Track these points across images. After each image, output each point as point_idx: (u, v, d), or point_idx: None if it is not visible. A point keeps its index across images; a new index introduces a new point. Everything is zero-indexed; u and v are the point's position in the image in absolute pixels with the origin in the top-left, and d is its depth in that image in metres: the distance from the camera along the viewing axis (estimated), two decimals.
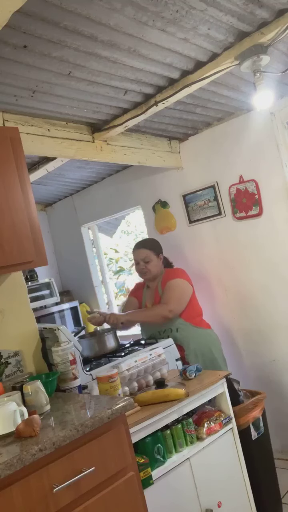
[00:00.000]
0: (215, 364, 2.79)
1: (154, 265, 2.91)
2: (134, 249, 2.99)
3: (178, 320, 2.80)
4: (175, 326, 2.80)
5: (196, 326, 2.84)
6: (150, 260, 2.90)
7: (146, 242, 3.02)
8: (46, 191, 4.10)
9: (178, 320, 2.80)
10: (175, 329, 2.80)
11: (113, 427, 1.62)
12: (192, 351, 2.76)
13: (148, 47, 1.91)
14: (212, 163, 3.22)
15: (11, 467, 1.32)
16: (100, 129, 2.67)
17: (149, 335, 2.91)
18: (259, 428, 2.38)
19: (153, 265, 2.91)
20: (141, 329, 3.03)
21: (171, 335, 2.79)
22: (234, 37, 1.99)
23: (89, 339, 2.88)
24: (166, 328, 2.82)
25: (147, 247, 2.93)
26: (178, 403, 2.00)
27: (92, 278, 4.35)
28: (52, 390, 1.96)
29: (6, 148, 1.88)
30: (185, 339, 2.78)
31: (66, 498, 1.44)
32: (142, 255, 2.92)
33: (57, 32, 1.65)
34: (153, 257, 2.91)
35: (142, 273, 2.96)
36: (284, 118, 2.89)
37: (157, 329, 2.85)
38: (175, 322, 2.80)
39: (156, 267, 2.92)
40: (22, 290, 2.24)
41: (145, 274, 2.95)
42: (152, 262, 2.90)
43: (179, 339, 2.77)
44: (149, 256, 2.90)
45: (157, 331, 2.86)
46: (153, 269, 2.92)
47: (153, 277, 2.94)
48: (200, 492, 2.00)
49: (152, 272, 2.92)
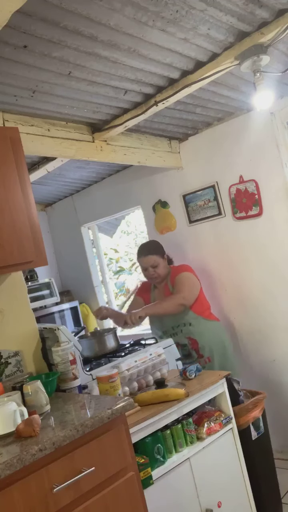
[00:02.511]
0: (226, 355, 2.87)
1: (162, 267, 2.95)
2: (140, 256, 2.99)
3: (190, 314, 2.86)
4: (187, 320, 2.85)
5: (207, 319, 2.91)
6: (158, 264, 2.93)
7: (150, 247, 3.02)
8: (46, 191, 4.10)
9: (189, 314, 2.86)
10: (188, 323, 2.85)
11: (113, 427, 1.62)
12: (206, 343, 2.83)
13: (148, 47, 1.91)
14: (212, 163, 3.22)
15: (11, 467, 1.32)
16: (100, 129, 2.67)
17: (162, 331, 2.93)
18: (259, 428, 2.38)
19: (161, 268, 2.94)
20: (153, 326, 3.04)
21: (184, 329, 2.85)
22: (234, 37, 1.99)
23: (89, 339, 2.87)
24: (179, 323, 2.86)
25: (153, 252, 2.95)
26: (178, 403, 2.00)
27: (92, 278, 4.35)
28: (52, 390, 1.96)
29: (6, 148, 1.88)
30: (198, 332, 2.84)
31: (66, 498, 1.44)
32: (150, 261, 2.94)
33: (57, 32, 1.65)
34: (160, 260, 2.94)
35: (152, 279, 2.99)
36: (284, 118, 2.89)
37: (170, 324, 2.89)
38: (187, 317, 2.85)
39: (164, 269, 2.97)
40: (22, 290, 2.24)
41: (155, 279, 2.98)
42: (160, 265, 2.93)
43: (192, 333, 2.84)
44: (157, 261, 2.93)
45: (170, 326, 2.89)
46: (162, 272, 2.95)
47: (162, 279, 2.98)
48: (200, 492, 2.00)
49: (161, 275, 2.96)
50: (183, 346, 2.89)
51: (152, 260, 2.93)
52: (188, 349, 2.87)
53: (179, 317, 2.85)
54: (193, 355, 2.85)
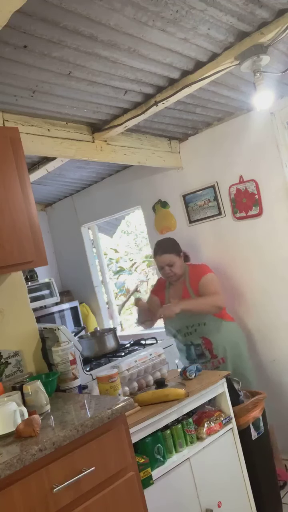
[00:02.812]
0: (241, 356, 2.84)
1: (178, 266, 2.90)
2: (156, 255, 2.94)
3: (205, 315, 2.80)
4: (202, 320, 2.81)
5: (222, 319, 2.86)
6: (174, 263, 2.87)
7: (166, 246, 2.95)
8: (46, 191, 4.10)
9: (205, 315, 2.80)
10: (202, 323, 2.81)
11: (113, 427, 1.62)
12: (220, 343, 2.78)
13: (148, 47, 1.91)
14: (212, 163, 3.22)
15: (11, 467, 1.32)
16: (100, 129, 2.67)
17: (176, 330, 2.89)
18: (259, 428, 2.38)
19: (177, 267, 2.89)
20: (167, 325, 2.98)
21: (198, 329, 2.81)
22: (234, 37, 1.99)
23: (89, 339, 2.88)
24: (194, 323, 2.82)
25: (169, 251, 2.89)
26: (178, 403, 2.00)
27: (92, 278, 4.35)
28: (52, 390, 1.96)
29: (6, 148, 1.88)
30: (213, 332, 2.80)
31: (66, 498, 1.44)
32: (166, 260, 2.88)
33: (57, 32, 1.65)
34: (176, 259, 2.89)
35: (168, 277, 2.95)
36: (284, 118, 2.89)
37: (185, 324, 2.84)
38: (202, 316, 2.80)
39: (180, 267, 2.91)
40: (22, 290, 2.24)
41: (171, 277, 2.93)
42: (176, 264, 2.88)
43: (206, 333, 2.80)
44: (173, 259, 2.88)
45: (184, 325, 2.85)
46: (178, 270, 2.90)
47: (178, 277, 2.94)
48: (200, 492, 2.00)
49: (178, 273, 2.90)
50: (197, 346, 2.84)
51: (168, 259, 2.88)
52: (202, 349, 2.82)
53: (194, 317, 2.79)
54: (206, 355, 2.81)
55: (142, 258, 6.15)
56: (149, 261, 5.91)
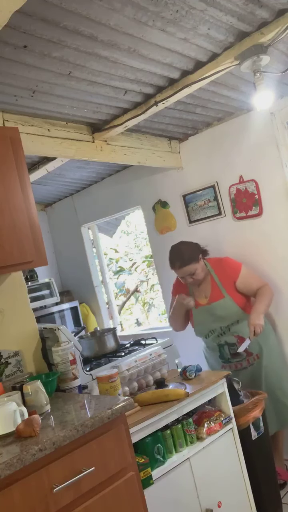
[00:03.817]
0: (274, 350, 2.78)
1: (200, 271, 2.77)
2: (174, 267, 2.78)
3: (238, 311, 2.75)
4: (235, 318, 2.74)
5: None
6: (195, 271, 2.74)
7: (184, 257, 2.75)
8: (46, 191, 4.10)
9: (238, 311, 2.75)
10: (236, 321, 2.74)
11: (113, 427, 1.62)
12: (254, 339, 2.65)
13: (148, 47, 1.91)
14: (212, 163, 3.22)
15: (11, 467, 1.32)
16: (100, 129, 2.67)
17: (210, 330, 2.80)
18: (259, 428, 2.38)
19: (199, 273, 2.76)
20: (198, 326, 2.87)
21: (232, 327, 2.74)
22: (234, 37, 1.99)
23: (89, 339, 2.88)
24: (228, 322, 2.74)
25: (188, 262, 2.73)
26: (178, 403, 2.00)
27: (92, 278, 4.35)
28: (52, 390, 1.96)
29: (6, 148, 1.89)
30: (246, 329, 2.69)
31: (66, 498, 1.44)
32: (186, 272, 2.75)
33: (57, 32, 1.65)
34: (197, 266, 2.75)
35: (191, 284, 2.84)
36: (284, 118, 2.89)
37: (218, 324, 2.75)
38: (236, 314, 2.74)
39: (202, 272, 2.78)
40: (22, 290, 2.24)
41: (194, 284, 2.82)
42: (197, 271, 2.75)
43: (240, 331, 2.72)
44: (193, 268, 2.74)
45: (218, 326, 2.76)
46: (200, 275, 2.78)
47: (202, 280, 2.82)
48: (200, 492, 2.00)
49: (200, 277, 2.78)
50: (231, 345, 2.74)
51: (188, 270, 2.74)
52: (236, 348, 2.70)
53: (229, 315, 2.73)
54: (241, 353, 2.70)
55: (142, 258, 6.15)
56: (149, 261, 5.91)
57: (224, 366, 2.82)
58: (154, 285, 5.99)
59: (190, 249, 2.81)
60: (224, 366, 2.82)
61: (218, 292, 2.79)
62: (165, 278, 3.72)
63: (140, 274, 6.17)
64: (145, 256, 6.05)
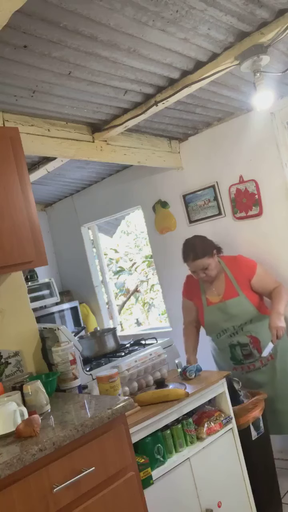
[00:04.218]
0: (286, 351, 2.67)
1: (213, 267, 2.68)
2: (187, 260, 2.70)
3: (251, 310, 2.67)
4: (248, 317, 2.66)
5: (265, 314, 2.69)
6: (208, 265, 2.65)
7: (197, 251, 2.67)
8: (46, 191, 4.10)
9: (251, 310, 2.67)
10: (249, 320, 2.66)
11: (113, 427, 1.62)
12: (267, 340, 2.56)
13: (148, 47, 1.91)
14: (212, 163, 3.22)
15: (11, 467, 1.32)
16: (100, 129, 2.67)
17: (222, 330, 2.71)
18: (259, 428, 2.38)
19: (212, 268, 2.67)
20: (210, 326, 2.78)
21: (245, 327, 2.64)
22: (234, 37, 1.99)
23: (89, 339, 2.88)
24: (241, 322, 2.66)
25: (201, 255, 2.64)
26: (178, 403, 2.00)
27: (92, 278, 4.35)
28: (52, 390, 1.96)
29: (6, 148, 1.89)
30: (259, 328, 2.64)
31: (66, 498, 1.44)
32: (199, 266, 2.66)
33: (57, 32, 1.65)
34: (210, 261, 2.66)
35: (203, 280, 2.75)
36: (284, 118, 2.89)
37: (231, 323, 2.67)
38: (249, 313, 2.66)
39: (215, 268, 2.70)
40: (22, 290, 2.24)
41: (206, 280, 2.73)
42: (210, 266, 2.66)
43: (253, 330, 2.65)
44: (206, 263, 2.65)
45: (231, 325, 2.67)
46: (213, 272, 2.69)
47: (214, 277, 2.73)
48: (200, 492, 2.00)
49: (213, 274, 2.70)
50: (244, 345, 2.66)
51: (201, 264, 2.64)
52: (250, 349, 2.64)
53: (243, 314, 2.65)
54: (254, 354, 2.64)
55: (142, 258, 6.15)
56: (149, 261, 5.91)
57: (235, 368, 2.72)
58: (154, 285, 5.99)
59: (204, 243, 2.74)
60: (236, 368, 2.72)
61: (233, 290, 2.70)
62: (165, 278, 3.73)
63: (140, 274, 6.17)
64: (145, 256, 6.05)
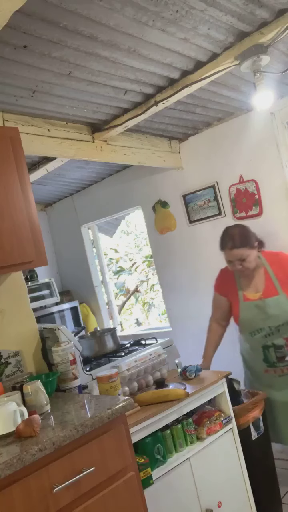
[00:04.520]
0: None
1: (251, 260, 2.47)
2: (225, 248, 2.51)
3: None
4: (286, 318, 2.47)
5: None
6: (246, 257, 2.45)
7: (237, 240, 2.47)
8: (46, 191, 4.10)
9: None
10: (286, 321, 2.47)
11: (113, 427, 1.62)
12: None
13: (148, 47, 1.91)
14: (212, 163, 3.22)
15: (11, 467, 1.32)
16: (100, 129, 2.67)
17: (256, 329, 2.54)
18: (259, 428, 2.38)
19: (250, 261, 2.47)
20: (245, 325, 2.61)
21: (282, 328, 2.48)
22: (234, 37, 1.99)
23: (89, 339, 2.88)
24: (279, 323, 2.48)
25: (240, 245, 2.45)
26: (178, 403, 2.00)
27: (92, 278, 4.35)
28: (52, 390, 1.96)
29: (6, 148, 1.88)
30: None
31: (66, 498, 1.44)
32: (236, 255, 2.46)
33: (57, 32, 1.65)
34: (249, 252, 2.45)
35: (239, 272, 2.55)
36: (284, 118, 2.89)
37: (267, 324, 2.49)
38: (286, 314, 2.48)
39: (254, 261, 2.49)
40: (22, 290, 2.24)
41: (242, 272, 2.54)
42: (249, 258, 2.46)
43: None
44: (245, 254, 2.45)
45: (267, 326, 2.49)
46: (251, 264, 2.48)
47: (251, 271, 2.54)
48: (200, 492, 2.00)
49: (251, 267, 2.49)
50: (279, 348, 2.48)
51: (238, 254, 2.45)
52: (285, 352, 2.48)
53: (281, 315, 2.46)
54: None
55: (142, 258, 6.15)
56: (149, 261, 5.91)
57: (268, 370, 2.55)
58: (154, 285, 5.98)
59: (246, 233, 2.54)
60: (268, 370, 2.54)
61: (272, 288, 2.51)
62: (165, 278, 3.73)
63: (140, 274, 6.17)
64: (145, 256, 6.05)
